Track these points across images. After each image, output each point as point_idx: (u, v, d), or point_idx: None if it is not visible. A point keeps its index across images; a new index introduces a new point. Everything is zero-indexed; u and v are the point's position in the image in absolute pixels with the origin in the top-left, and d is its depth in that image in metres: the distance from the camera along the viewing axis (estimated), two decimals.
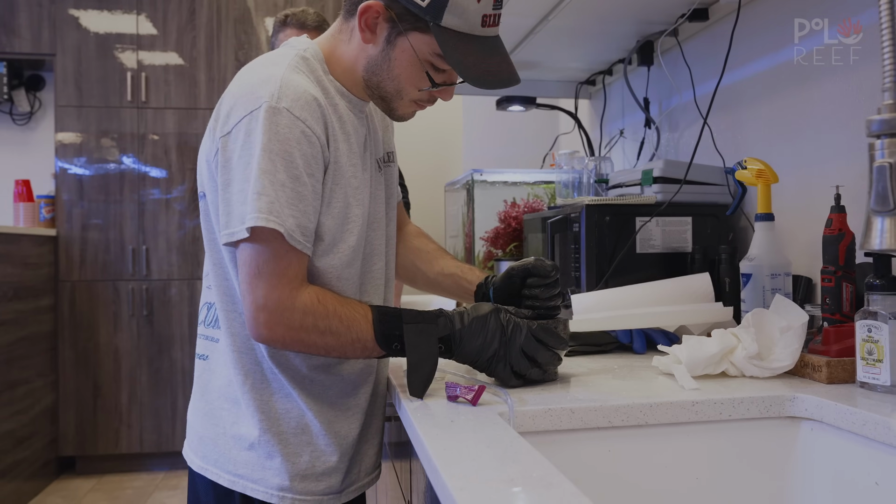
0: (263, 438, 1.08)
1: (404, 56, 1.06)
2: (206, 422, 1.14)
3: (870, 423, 0.90)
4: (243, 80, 1.07)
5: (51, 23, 3.93)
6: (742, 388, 1.05)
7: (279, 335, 1.00)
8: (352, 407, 1.15)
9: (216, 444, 1.11)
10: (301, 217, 1.00)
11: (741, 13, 1.65)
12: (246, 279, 1.00)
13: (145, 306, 3.98)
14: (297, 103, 1.01)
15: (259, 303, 0.99)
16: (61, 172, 3.95)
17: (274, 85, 1.01)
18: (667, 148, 2.17)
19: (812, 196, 1.49)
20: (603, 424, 0.96)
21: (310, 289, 1.02)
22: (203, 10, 4.05)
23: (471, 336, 1.03)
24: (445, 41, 1.02)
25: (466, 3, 1.01)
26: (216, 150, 1.04)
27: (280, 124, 0.99)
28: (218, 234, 1.09)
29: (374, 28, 1.06)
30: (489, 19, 1.05)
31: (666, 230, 1.64)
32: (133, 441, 3.96)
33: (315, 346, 1.01)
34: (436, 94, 1.12)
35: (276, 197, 0.97)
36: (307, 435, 1.10)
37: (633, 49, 2.14)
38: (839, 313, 1.16)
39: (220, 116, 1.06)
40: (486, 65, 1.05)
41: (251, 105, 1.00)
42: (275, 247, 0.99)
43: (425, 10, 1.01)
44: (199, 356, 1.19)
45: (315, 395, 1.11)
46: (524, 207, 2.39)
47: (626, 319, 1.34)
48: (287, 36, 2.22)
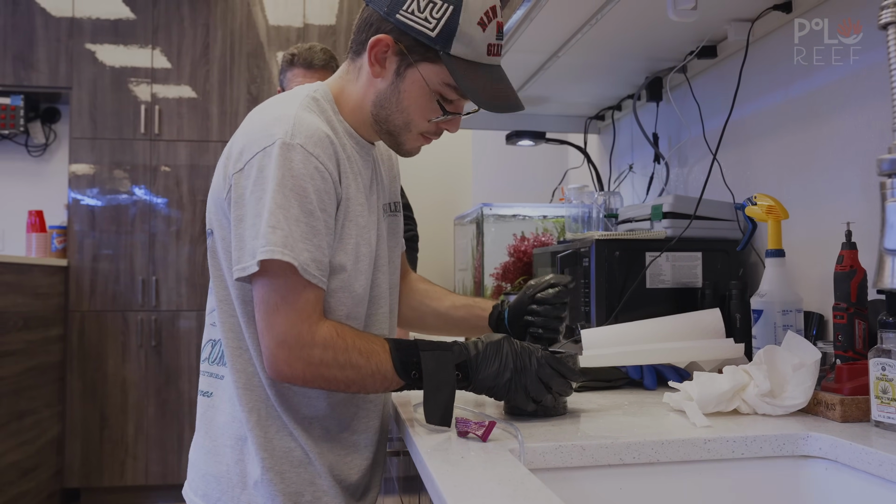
0: (266, 477, 1.07)
1: (414, 87, 1.09)
2: (210, 459, 1.12)
3: (886, 464, 0.88)
4: (255, 120, 1.08)
5: (68, 57, 4.00)
6: (754, 426, 1.04)
7: (299, 371, 0.99)
8: (354, 451, 1.14)
9: (219, 482, 1.10)
10: (315, 251, 1.00)
11: (749, 50, 1.67)
12: (263, 316, 1.00)
13: (154, 337, 3.99)
14: (310, 140, 1.02)
15: (278, 339, 0.98)
16: (74, 203, 3.99)
17: (287, 123, 1.02)
18: (676, 183, 2.18)
19: (822, 232, 1.48)
20: (614, 462, 0.95)
21: (328, 323, 1.01)
22: (217, 45, 4.11)
23: (486, 361, 1.03)
24: (455, 69, 1.05)
25: (473, 32, 1.05)
26: (228, 186, 1.05)
27: (294, 160, 1.00)
28: (226, 270, 1.10)
29: (383, 62, 1.09)
30: (493, 48, 1.08)
31: (676, 265, 1.63)
32: (139, 473, 3.93)
33: (335, 380, 1.01)
34: (443, 126, 1.14)
35: (290, 231, 0.98)
36: (309, 474, 1.09)
37: (643, 85, 2.16)
38: (852, 350, 1.15)
39: (231, 155, 1.07)
40: (495, 91, 1.08)
41: (264, 142, 1.02)
42: (291, 281, 0.99)
43: (435, 39, 1.04)
44: (202, 393, 1.18)
45: (316, 437, 1.10)
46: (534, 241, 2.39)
47: (637, 355, 1.33)
48: (295, 76, 2.24)
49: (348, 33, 4.21)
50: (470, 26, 1.04)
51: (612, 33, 1.80)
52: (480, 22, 1.05)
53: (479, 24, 1.05)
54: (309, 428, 1.10)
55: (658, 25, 1.72)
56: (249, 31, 4.14)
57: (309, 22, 4.20)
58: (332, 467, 1.11)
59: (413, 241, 2.57)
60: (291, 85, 2.24)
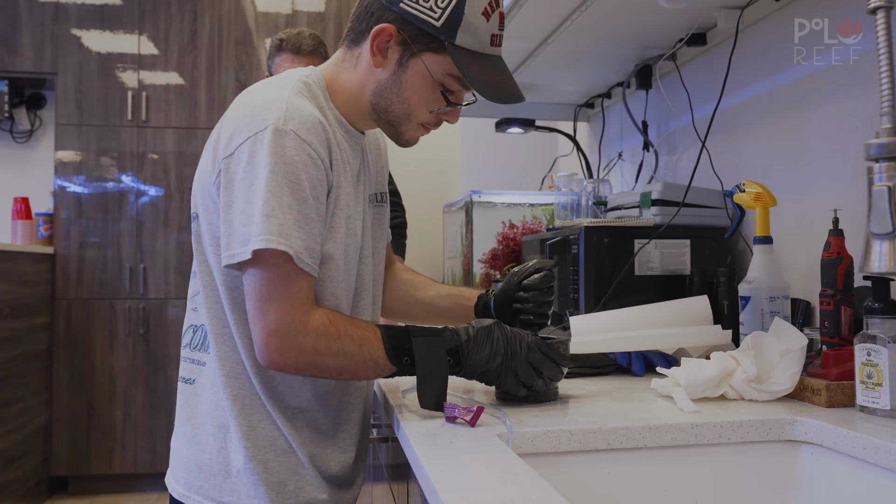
0: (249, 466, 1.06)
1: (417, 78, 1.07)
2: (192, 447, 1.11)
3: (870, 448, 0.89)
4: (246, 103, 1.07)
5: (53, 42, 3.96)
6: (741, 411, 1.05)
7: (291, 360, 0.99)
8: (335, 446, 1.14)
9: (201, 471, 1.10)
10: (308, 239, 1.00)
11: (739, 38, 1.67)
12: (255, 304, 0.99)
13: (142, 325, 3.97)
14: (303, 126, 1.01)
15: (270, 328, 0.98)
16: (60, 190, 3.96)
17: (280, 108, 1.01)
18: (665, 171, 2.18)
19: (810, 219, 1.49)
20: (602, 446, 0.96)
21: (320, 311, 1.01)
22: (205, 31, 4.08)
23: (477, 346, 1.03)
24: (461, 59, 1.04)
25: (478, 23, 1.04)
26: (217, 171, 1.04)
27: (287, 146, 0.99)
28: (211, 255, 1.08)
29: (385, 52, 1.07)
30: (496, 39, 1.08)
31: (664, 252, 1.64)
32: (127, 461, 3.92)
33: (328, 368, 1.01)
34: (442, 117, 1.13)
35: (284, 219, 0.97)
36: (292, 463, 1.09)
37: (632, 73, 2.16)
38: (838, 336, 1.16)
39: (221, 138, 1.05)
40: (499, 81, 1.08)
41: (256, 127, 1.00)
42: (284, 270, 0.98)
43: (440, 29, 1.03)
44: (183, 380, 1.17)
45: (299, 427, 1.10)
46: (522, 229, 2.39)
47: (625, 342, 1.34)
48: (283, 60, 2.23)
49: (337, 20, 4.21)
50: (475, 16, 1.03)
51: (601, 20, 1.80)
52: (484, 12, 1.04)
53: (482, 14, 1.04)
54: (292, 418, 1.09)
55: (648, 13, 1.72)
56: (237, 18, 4.11)
57: (297, 8, 4.16)
58: (314, 457, 1.11)
59: (401, 228, 2.57)
60: (279, 70, 2.23)
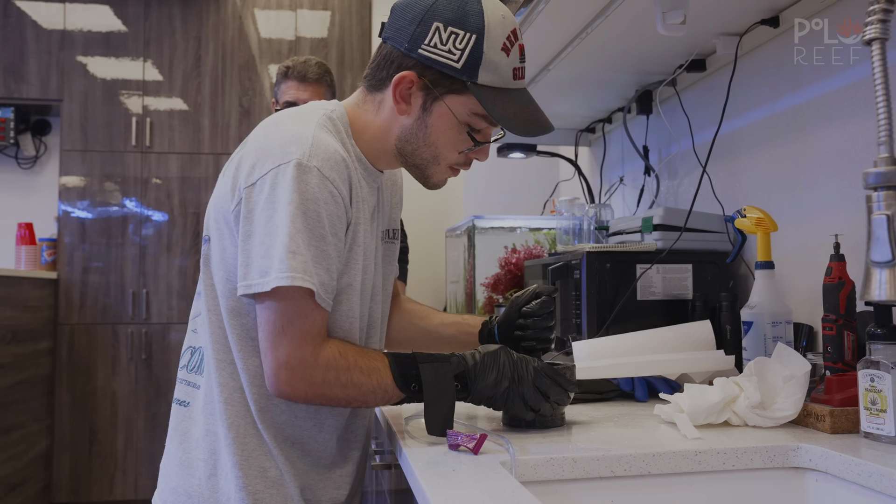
0: (238, 496, 1.05)
1: (442, 121, 1.08)
2: (182, 472, 1.10)
3: (876, 475, 0.89)
4: (270, 133, 1.06)
5: (59, 69, 4.00)
6: (745, 437, 1.04)
7: (301, 392, 1.00)
8: (332, 476, 1.13)
9: (190, 497, 1.08)
10: (324, 275, 1.00)
11: (738, 64, 1.68)
12: (268, 336, 0.99)
13: (144, 350, 3.96)
14: (327, 163, 1.01)
15: (281, 361, 0.98)
16: (64, 215, 3.98)
17: (305, 142, 1.01)
18: (666, 195, 2.19)
19: (811, 244, 1.49)
20: (605, 474, 0.95)
21: (331, 343, 1.02)
22: (209, 58, 4.12)
23: (484, 371, 1.03)
24: (484, 97, 1.04)
25: (498, 59, 1.04)
26: (238, 200, 1.03)
27: (309, 183, 0.99)
28: (219, 280, 1.09)
29: (408, 98, 1.08)
30: (518, 72, 1.08)
31: (666, 277, 1.64)
32: (128, 487, 3.90)
33: (337, 398, 1.02)
34: (472, 156, 1.13)
35: (308, 257, 0.98)
36: (281, 496, 1.07)
37: (633, 98, 2.18)
38: (841, 362, 1.16)
39: (242, 166, 1.05)
40: (526, 114, 1.07)
41: (280, 159, 1.00)
42: (301, 305, 0.99)
43: (461, 70, 1.04)
44: (178, 402, 1.15)
45: (293, 459, 1.09)
46: (525, 254, 2.39)
47: (628, 367, 1.33)
48: (288, 88, 2.25)
49: (339, 46, 4.25)
50: (494, 53, 1.04)
51: (601, 47, 1.81)
52: (504, 47, 1.04)
53: (502, 49, 1.04)
54: (288, 449, 1.09)
55: (647, 39, 1.74)
56: (241, 44, 4.15)
57: (301, 35, 4.21)
58: (305, 490, 1.09)
59: (403, 253, 2.57)
60: (285, 97, 2.25)
